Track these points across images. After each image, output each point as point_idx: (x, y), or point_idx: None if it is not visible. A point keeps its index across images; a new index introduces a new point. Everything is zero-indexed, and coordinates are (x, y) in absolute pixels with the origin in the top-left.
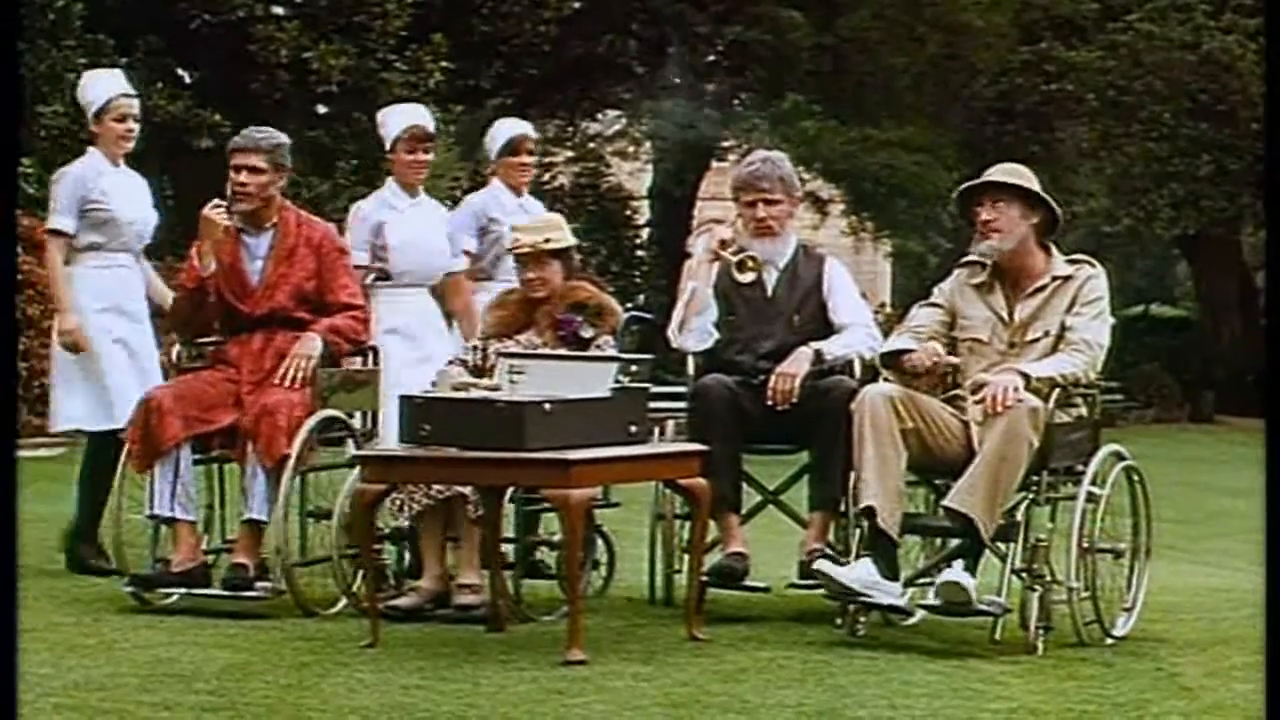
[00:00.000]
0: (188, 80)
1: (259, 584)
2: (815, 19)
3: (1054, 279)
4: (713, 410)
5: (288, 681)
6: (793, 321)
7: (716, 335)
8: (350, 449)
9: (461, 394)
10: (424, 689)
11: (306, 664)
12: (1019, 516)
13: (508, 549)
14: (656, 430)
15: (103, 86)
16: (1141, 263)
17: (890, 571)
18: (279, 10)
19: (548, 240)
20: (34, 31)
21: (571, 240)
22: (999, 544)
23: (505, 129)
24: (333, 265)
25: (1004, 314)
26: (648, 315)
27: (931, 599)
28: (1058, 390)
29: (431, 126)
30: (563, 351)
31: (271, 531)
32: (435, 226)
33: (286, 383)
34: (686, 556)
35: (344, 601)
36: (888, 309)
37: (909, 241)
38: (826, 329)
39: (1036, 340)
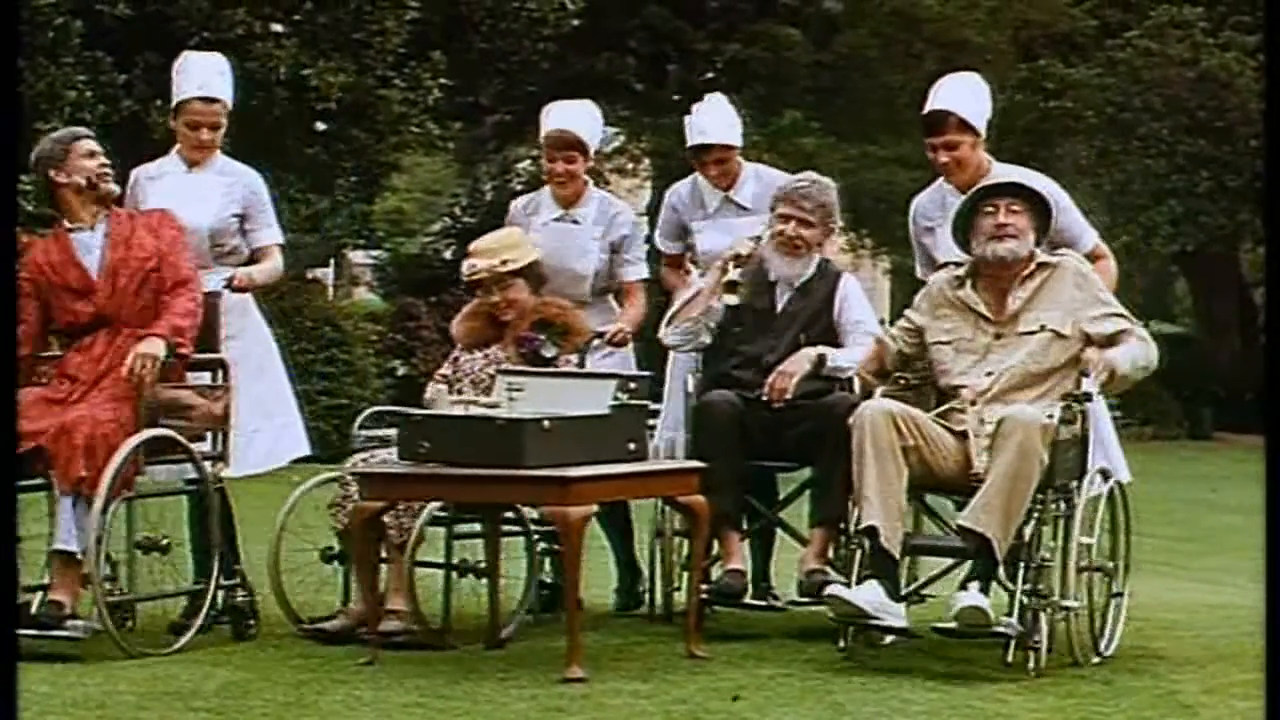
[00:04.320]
0: None
1: (71, 622)
2: (813, 36)
3: (1040, 266)
4: (717, 426)
5: (286, 699)
6: (799, 339)
7: (706, 342)
8: (191, 472)
9: (460, 411)
10: (422, 706)
11: (305, 682)
12: (1026, 536)
13: (436, 574)
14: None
15: (185, 80)
16: (1140, 280)
17: (894, 593)
18: (278, 28)
19: (504, 262)
20: (33, 49)
21: (532, 255)
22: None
23: (693, 131)
24: (172, 243)
25: (985, 307)
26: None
27: (948, 622)
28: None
29: (582, 133)
30: (526, 368)
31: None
32: (566, 244)
33: (133, 378)
34: (684, 573)
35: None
36: (887, 324)
37: (907, 258)
38: (833, 342)
39: (1030, 334)
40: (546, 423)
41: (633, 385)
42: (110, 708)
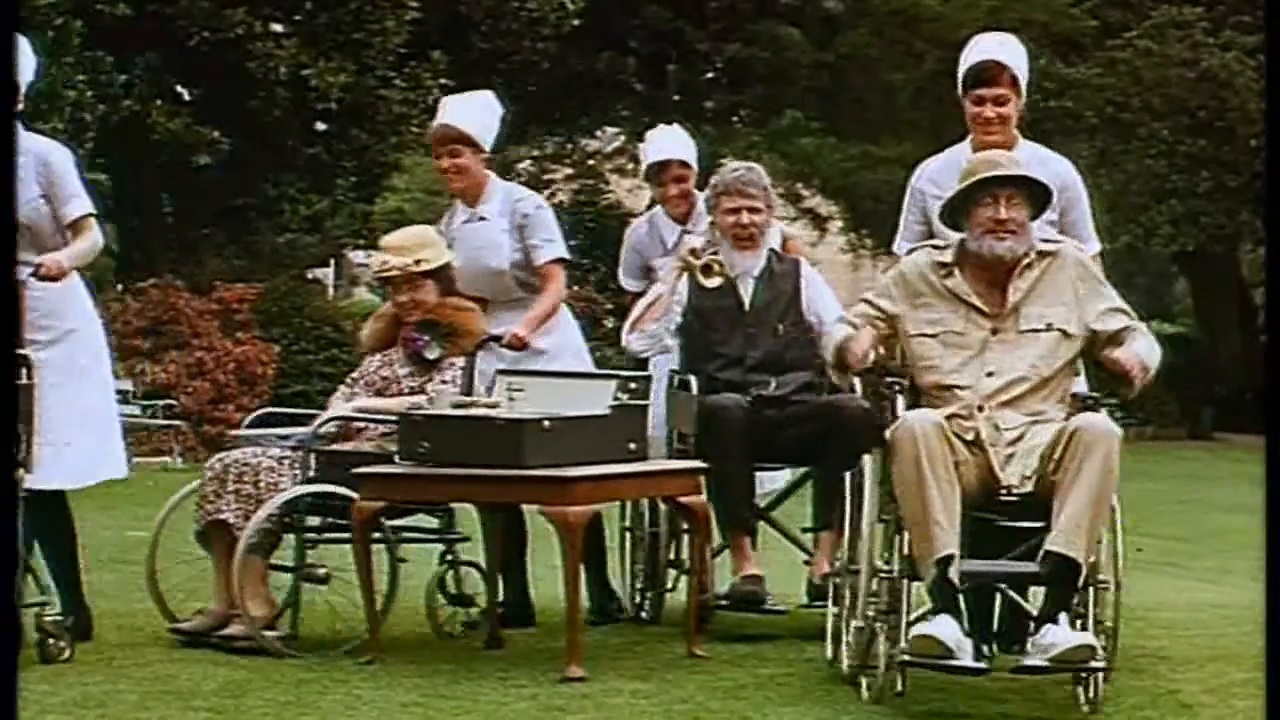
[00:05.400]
0: (187, 98)
1: None
2: (814, 36)
3: (1039, 255)
4: (732, 430)
5: (286, 699)
6: (777, 330)
7: (670, 345)
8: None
9: (461, 411)
10: (422, 705)
11: (305, 681)
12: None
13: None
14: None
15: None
16: (1140, 280)
17: (964, 629)
18: (278, 28)
19: (418, 261)
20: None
21: (446, 257)
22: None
23: (650, 149)
24: None
25: (979, 300)
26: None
27: (1039, 658)
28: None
29: (468, 127)
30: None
31: None
32: (478, 243)
33: None
34: (673, 573)
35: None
36: None
37: None
38: (808, 334)
39: (1034, 331)
40: (546, 423)
41: (633, 385)
42: (110, 707)
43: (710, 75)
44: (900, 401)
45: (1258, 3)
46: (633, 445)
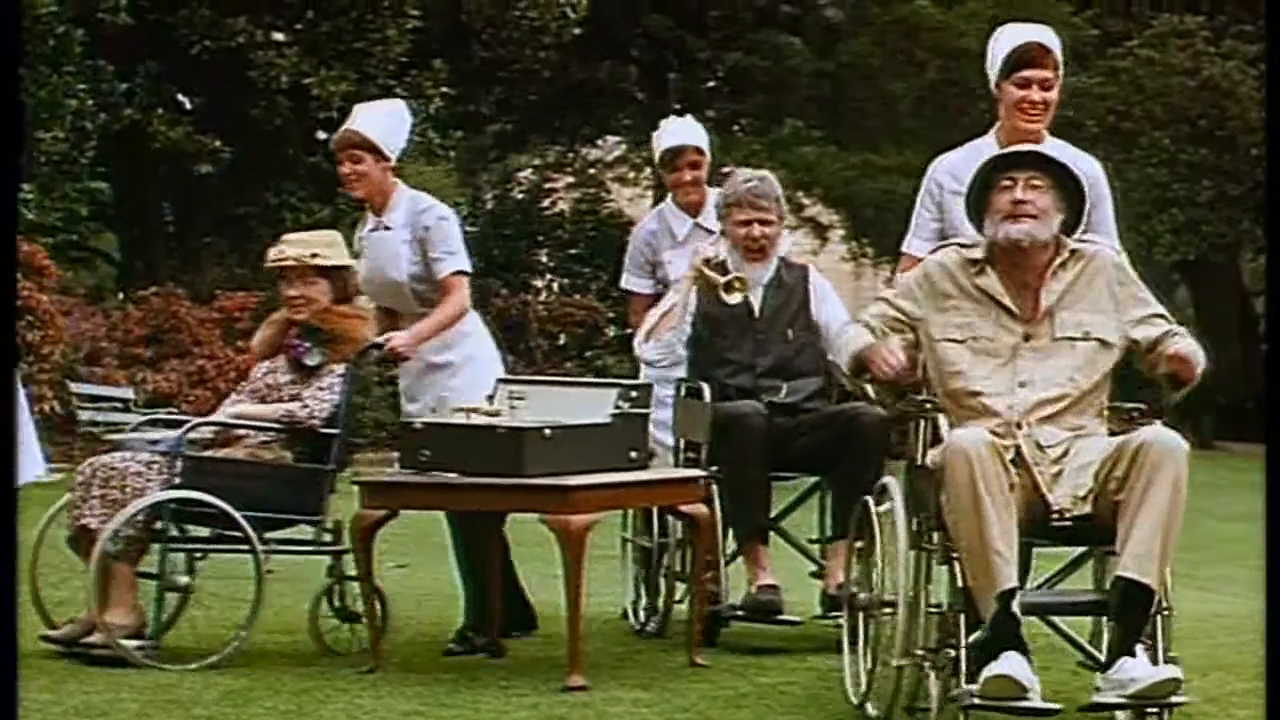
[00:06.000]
0: (188, 106)
1: None
2: (815, 45)
3: (1073, 255)
4: (752, 438)
5: (288, 708)
6: (787, 336)
7: (682, 355)
8: None
9: (461, 419)
10: (424, 714)
11: (307, 690)
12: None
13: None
14: None
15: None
16: None
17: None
18: (279, 36)
19: (315, 255)
20: (34, 57)
21: (344, 260)
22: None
23: (665, 135)
24: None
25: (1011, 302)
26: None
27: (1114, 695)
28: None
29: (372, 133)
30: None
31: None
32: (381, 253)
33: None
34: (681, 586)
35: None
36: None
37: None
38: (818, 340)
39: (1071, 340)
40: (547, 430)
41: (634, 394)
42: (112, 715)
43: (711, 84)
44: (943, 420)
45: (1259, 12)
46: (633, 454)
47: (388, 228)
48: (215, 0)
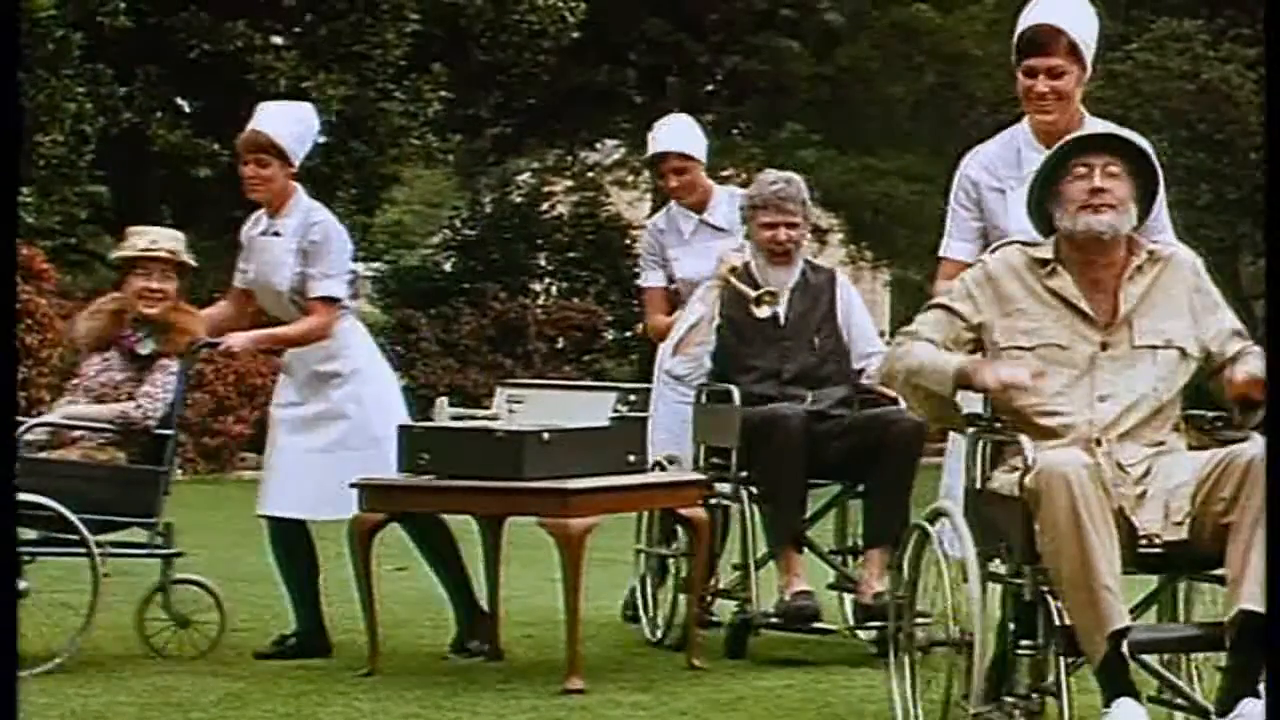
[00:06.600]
0: (187, 110)
1: None
2: (814, 49)
3: (1150, 257)
4: (791, 442)
5: (286, 710)
6: (813, 343)
7: (709, 366)
8: None
9: (460, 423)
10: (422, 717)
11: (305, 693)
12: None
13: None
14: None
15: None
16: None
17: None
18: (278, 40)
19: (174, 252)
20: (33, 60)
21: (189, 261)
22: None
23: (650, 141)
24: None
25: (1087, 307)
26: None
27: None
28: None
29: (277, 135)
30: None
31: None
32: (267, 257)
33: None
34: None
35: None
36: (886, 337)
37: (908, 270)
38: (843, 347)
39: (1154, 348)
40: (546, 434)
41: (632, 398)
42: (110, 718)
43: (710, 88)
44: (1026, 441)
45: (1257, 15)
46: (632, 457)
47: (278, 233)
48: (214, 4)
